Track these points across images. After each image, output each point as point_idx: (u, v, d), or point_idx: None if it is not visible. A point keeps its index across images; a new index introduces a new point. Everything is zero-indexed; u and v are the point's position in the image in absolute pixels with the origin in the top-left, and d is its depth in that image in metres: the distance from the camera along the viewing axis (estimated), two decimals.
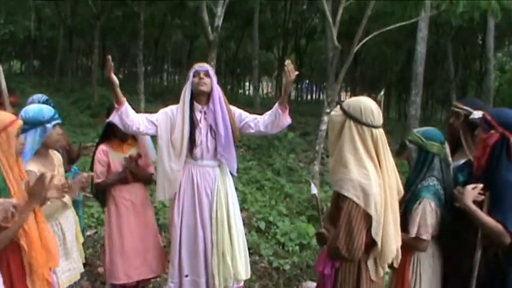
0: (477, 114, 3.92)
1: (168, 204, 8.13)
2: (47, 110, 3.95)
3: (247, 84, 69.41)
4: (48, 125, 3.87)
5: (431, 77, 33.59)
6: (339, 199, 3.09)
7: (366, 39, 8.62)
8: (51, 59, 40.32)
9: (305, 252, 6.95)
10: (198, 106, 4.72)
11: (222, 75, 51.25)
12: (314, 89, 72.26)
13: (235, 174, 4.96)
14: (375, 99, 3.50)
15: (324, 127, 8.97)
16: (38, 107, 4.00)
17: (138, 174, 4.97)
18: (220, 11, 11.33)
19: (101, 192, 5.04)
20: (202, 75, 4.63)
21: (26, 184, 3.36)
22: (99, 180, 4.87)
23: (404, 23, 10.26)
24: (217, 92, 4.72)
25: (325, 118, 8.90)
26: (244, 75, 61.55)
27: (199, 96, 4.69)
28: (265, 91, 67.99)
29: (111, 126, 4.77)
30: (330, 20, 8.62)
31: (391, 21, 13.43)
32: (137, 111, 4.72)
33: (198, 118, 4.71)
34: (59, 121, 4.00)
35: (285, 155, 14.01)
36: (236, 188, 5.09)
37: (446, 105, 46.01)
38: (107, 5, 23.28)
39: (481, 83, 38.26)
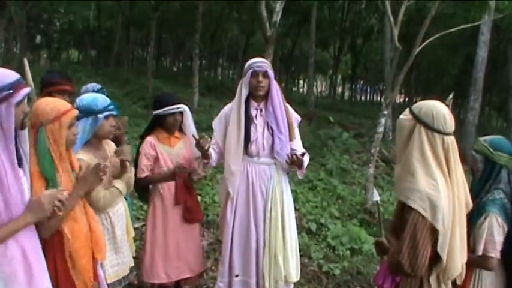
0: None
1: (217, 200, 8.05)
2: (102, 100, 3.87)
3: (301, 82, 69.30)
4: (100, 115, 3.80)
5: (489, 82, 32.81)
6: (403, 209, 2.91)
7: (428, 41, 8.32)
8: (108, 49, 40.81)
9: (356, 258, 6.77)
10: (253, 103, 4.60)
11: (276, 72, 51.15)
12: (368, 90, 71.55)
13: (290, 173, 4.82)
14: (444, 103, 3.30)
15: (380, 129, 8.75)
16: (93, 95, 3.94)
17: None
18: (278, 6, 11.15)
19: (143, 188, 4.84)
20: (260, 77, 4.46)
21: (75, 176, 3.28)
22: (143, 175, 4.65)
23: (466, 25, 9.95)
24: (276, 91, 4.57)
25: (382, 120, 8.69)
26: (299, 73, 61.35)
27: (256, 95, 4.55)
28: (319, 89, 67.54)
29: (159, 118, 4.67)
30: (392, 19, 8.36)
31: (452, 23, 13.13)
32: (191, 103, 4.63)
33: (254, 115, 4.58)
34: (113, 112, 3.93)
35: (338, 156, 13.78)
36: None
37: (502, 112, 44.90)
38: None
39: None
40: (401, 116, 3.03)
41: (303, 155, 4.43)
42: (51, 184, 2.99)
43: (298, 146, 4.69)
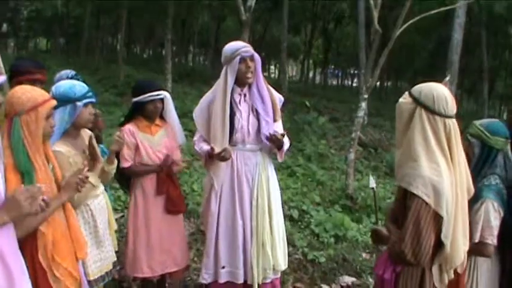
0: None
1: (196, 188, 7.87)
2: (80, 87, 3.63)
3: (272, 67, 69.10)
4: (79, 103, 3.56)
5: (461, 65, 33.09)
6: (404, 196, 2.79)
7: (408, 23, 8.21)
8: (77, 37, 40.24)
9: (340, 245, 6.67)
10: (237, 89, 4.40)
11: None
12: (339, 74, 71.62)
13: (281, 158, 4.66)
14: None
15: (360, 113, 8.65)
16: (70, 82, 3.70)
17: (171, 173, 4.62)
18: None
19: (126, 178, 4.64)
20: (249, 62, 4.28)
21: (52, 170, 3.11)
22: (126, 165, 4.43)
23: (444, 8, 9.87)
24: (260, 74, 4.42)
25: (363, 104, 8.59)
26: (269, 58, 61.21)
27: (245, 82, 4.36)
28: (290, 74, 67.46)
29: (139, 106, 4.45)
30: (372, 2, 8.22)
31: (426, 6, 13.06)
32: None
33: (237, 101, 4.40)
34: (91, 100, 3.69)
35: (316, 141, 13.66)
36: None
37: (473, 94, 45.36)
38: None
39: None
40: (401, 100, 2.91)
41: (283, 135, 4.29)
42: (27, 178, 2.80)
43: (279, 128, 4.54)
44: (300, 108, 18.79)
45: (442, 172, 2.68)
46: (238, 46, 4.32)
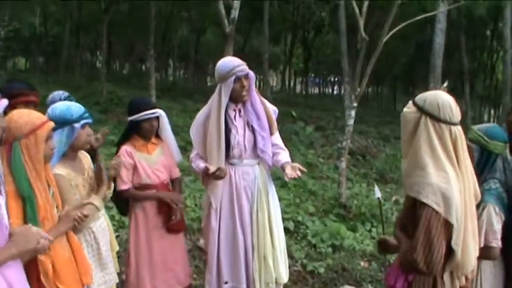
0: None
1: (189, 204, 7.82)
2: (76, 108, 3.58)
3: None
4: (77, 125, 3.52)
5: (442, 69, 33.32)
6: (413, 205, 2.78)
7: (395, 29, 8.25)
8: (56, 55, 40.02)
9: (338, 254, 6.62)
10: (231, 105, 4.38)
11: None
12: (320, 82, 71.93)
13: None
14: None
15: (350, 122, 8.64)
16: (66, 104, 3.63)
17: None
18: (236, 2, 10.94)
19: (123, 201, 4.54)
20: (243, 81, 4.26)
21: (53, 195, 3.05)
22: (125, 187, 4.36)
23: (427, 14, 9.93)
24: (254, 90, 4.42)
25: (352, 113, 8.57)
26: (250, 69, 61.26)
27: (240, 100, 4.36)
28: (270, 85, 67.58)
29: (134, 125, 4.39)
30: (357, 10, 8.24)
31: (409, 12, 13.15)
32: None
33: (232, 116, 4.39)
34: (88, 120, 3.65)
35: (304, 151, 13.69)
36: None
37: (454, 97, 45.62)
38: None
39: (491, 75, 38.09)
40: (405, 109, 2.92)
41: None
42: (29, 204, 2.75)
43: (278, 140, 4.56)
44: (284, 119, 18.80)
45: (450, 179, 2.67)
46: (234, 65, 4.26)
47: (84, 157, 3.81)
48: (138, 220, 4.45)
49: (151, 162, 4.45)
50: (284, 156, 4.49)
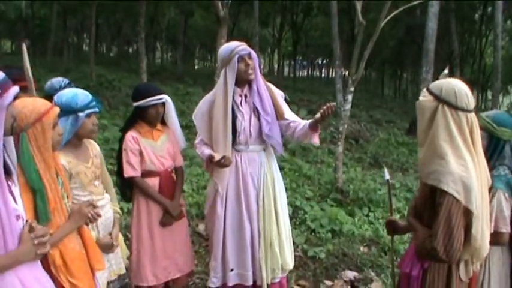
0: None
1: (187, 189, 7.79)
2: (82, 97, 3.53)
3: None
4: (81, 114, 3.47)
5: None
6: (430, 193, 2.79)
7: (393, 14, 8.21)
8: (43, 38, 39.53)
9: (338, 239, 6.64)
10: (237, 90, 4.32)
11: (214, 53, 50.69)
12: (307, 65, 71.89)
13: (282, 154, 4.61)
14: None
15: (347, 107, 8.61)
16: (72, 92, 3.56)
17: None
18: None
19: (128, 186, 4.45)
20: (247, 59, 4.20)
21: (62, 185, 2.95)
22: (135, 174, 4.28)
23: (420, 1, 9.86)
24: (259, 72, 4.35)
25: (349, 97, 8.55)
26: None
27: (246, 80, 4.29)
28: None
29: (140, 110, 4.32)
30: None
31: None
32: None
33: (238, 102, 4.33)
34: (95, 109, 3.59)
35: None
36: None
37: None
38: None
39: (480, 60, 38.23)
40: (421, 98, 2.92)
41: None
42: (40, 196, 2.68)
43: (294, 116, 4.49)
44: None
45: (469, 168, 2.69)
46: (234, 45, 4.24)
47: (91, 145, 3.76)
48: (140, 208, 4.38)
49: (157, 149, 4.38)
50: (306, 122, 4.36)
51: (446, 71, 3.73)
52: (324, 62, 70.05)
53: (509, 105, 44.46)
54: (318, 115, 4.07)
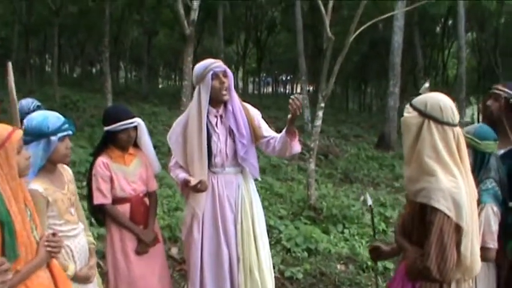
0: None
1: (158, 211, 7.59)
2: (54, 119, 3.30)
3: None
4: (53, 138, 3.23)
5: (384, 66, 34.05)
6: (419, 211, 2.72)
7: (362, 28, 8.21)
8: (5, 59, 38.93)
9: (315, 258, 6.51)
10: (212, 110, 4.18)
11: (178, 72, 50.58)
12: (270, 82, 72.11)
13: (258, 179, 4.46)
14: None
15: (318, 123, 8.56)
16: (42, 115, 3.32)
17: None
18: (196, 3, 10.81)
19: (101, 211, 4.24)
20: (222, 77, 4.08)
21: (31, 215, 2.72)
22: (106, 201, 4.10)
23: (388, 15, 9.97)
24: (234, 92, 4.23)
25: (320, 113, 8.49)
26: None
27: (220, 100, 4.15)
28: None
29: (111, 135, 4.13)
30: (323, 9, 8.16)
31: (369, 11, 13.22)
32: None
33: (214, 123, 4.19)
34: (68, 132, 3.37)
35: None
36: None
37: (405, 94, 46.38)
38: (65, 1, 22.49)
39: (443, 72, 38.81)
40: (406, 114, 2.85)
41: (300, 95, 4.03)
42: (7, 229, 2.46)
43: (273, 133, 4.34)
44: None
45: (459, 183, 2.65)
46: (209, 62, 4.12)
47: (65, 170, 3.57)
48: (113, 235, 4.19)
49: (129, 174, 4.19)
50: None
51: (427, 85, 3.66)
52: (288, 78, 70.33)
53: (472, 116, 45.18)
54: (289, 115, 3.93)
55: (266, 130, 4.33)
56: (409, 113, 2.82)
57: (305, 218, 8.07)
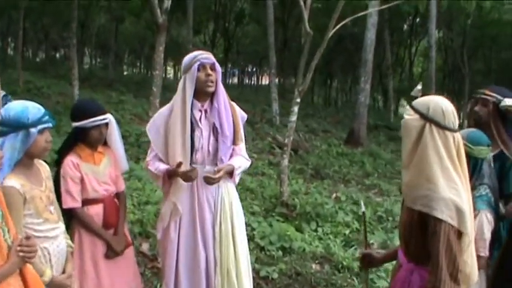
0: (508, 101, 3.76)
1: (128, 205, 7.39)
2: (34, 110, 3.07)
3: (169, 68, 68.33)
4: (33, 130, 3.01)
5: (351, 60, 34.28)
6: (418, 217, 2.64)
7: (340, 24, 8.13)
8: None
9: (289, 257, 6.38)
10: (197, 104, 3.98)
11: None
12: (238, 72, 71.87)
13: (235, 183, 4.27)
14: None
15: (293, 118, 8.44)
16: (22, 105, 3.08)
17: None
18: None
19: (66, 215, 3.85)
20: (209, 69, 3.89)
21: (2, 216, 2.49)
22: (76, 205, 3.83)
23: (363, 13, 9.90)
24: (221, 87, 4.03)
25: (295, 109, 8.36)
26: (166, 59, 60.52)
27: (204, 92, 3.96)
28: None
29: (81, 131, 3.87)
30: (302, 4, 8.03)
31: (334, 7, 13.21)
32: (71, 98, 3.97)
33: (198, 117, 3.99)
34: (48, 124, 3.14)
35: None
36: None
37: (380, 90, 46.70)
38: None
39: (410, 69, 39.19)
40: (406, 117, 2.74)
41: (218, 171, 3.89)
42: None
43: (242, 151, 4.18)
44: None
45: (460, 191, 2.57)
46: (198, 53, 3.95)
47: (42, 166, 3.34)
48: (82, 239, 3.91)
49: (99, 174, 3.95)
50: (233, 159, 4.10)
51: (419, 87, 3.57)
52: (254, 69, 70.19)
53: None
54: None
55: (239, 142, 4.17)
56: (410, 116, 2.72)
57: (277, 214, 7.93)
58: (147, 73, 54.66)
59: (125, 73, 57.29)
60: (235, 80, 71.82)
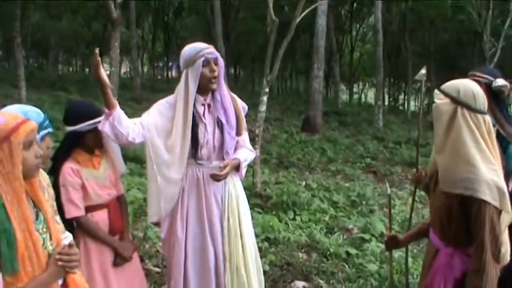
0: (500, 81, 3.76)
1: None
2: (34, 115, 2.84)
3: (105, 65, 67.18)
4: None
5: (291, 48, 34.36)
6: (460, 202, 2.63)
7: (309, 9, 8.15)
8: None
9: (277, 248, 6.37)
10: (199, 98, 3.87)
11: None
12: (173, 66, 71.19)
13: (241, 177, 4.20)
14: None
15: (263, 108, 8.41)
16: (21, 108, 2.84)
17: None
18: None
19: (70, 225, 3.67)
20: (213, 65, 3.77)
21: (43, 221, 2.39)
22: (79, 213, 3.65)
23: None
24: (223, 81, 3.94)
25: (264, 98, 8.35)
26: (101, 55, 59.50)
27: (208, 88, 3.86)
28: (123, 71, 65.15)
29: (76, 136, 3.68)
30: None
31: None
32: (18, 100, 3.79)
33: (201, 112, 3.89)
34: (49, 130, 2.97)
35: None
36: None
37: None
38: None
39: (351, 54, 39.68)
40: (437, 101, 2.74)
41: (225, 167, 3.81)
42: (4, 238, 2.10)
43: (246, 143, 4.11)
44: None
45: (498, 171, 2.59)
46: (202, 47, 3.80)
47: (41, 174, 3.16)
48: (89, 246, 3.76)
49: (100, 178, 3.79)
50: (238, 153, 4.02)
51: (423, 71, 3.60)
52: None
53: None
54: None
55: (243, 133, 4.10)
56: (440, 100, 2.72)
57: (253, 205, 7.89)
58: (84, 71, 53.73)
59: (60, 73, 56.08)
60: (174, 73, 71.18)
